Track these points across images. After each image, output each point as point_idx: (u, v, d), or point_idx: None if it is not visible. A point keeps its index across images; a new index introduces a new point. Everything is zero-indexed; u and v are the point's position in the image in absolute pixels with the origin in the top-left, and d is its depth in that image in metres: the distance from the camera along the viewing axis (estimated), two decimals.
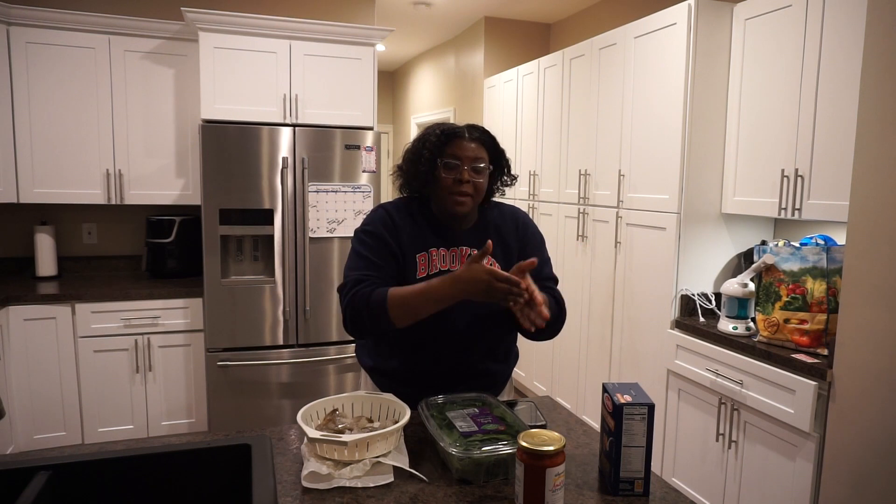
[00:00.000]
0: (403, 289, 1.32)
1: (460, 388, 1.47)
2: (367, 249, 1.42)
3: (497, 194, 1.55)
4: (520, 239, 1.54)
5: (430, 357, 1.46)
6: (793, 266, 2.13)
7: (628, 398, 1.09)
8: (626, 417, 1.07)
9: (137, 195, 3.22)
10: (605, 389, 1.15)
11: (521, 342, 1.90)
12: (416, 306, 1.29)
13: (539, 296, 1.25)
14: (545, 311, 1.24)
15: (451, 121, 4.45)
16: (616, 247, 3.05)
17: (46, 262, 3.25)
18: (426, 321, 1.34)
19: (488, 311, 1.46)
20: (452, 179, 1.40)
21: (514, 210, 1.59)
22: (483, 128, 1.47)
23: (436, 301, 1.28)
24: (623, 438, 1.08)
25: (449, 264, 1.46)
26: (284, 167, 3.01)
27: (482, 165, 1.42)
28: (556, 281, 1.55)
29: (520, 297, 1.21)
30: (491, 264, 1.43)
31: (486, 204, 1.55)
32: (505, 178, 1.53)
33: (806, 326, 2.08)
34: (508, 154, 1.55)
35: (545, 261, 1.54)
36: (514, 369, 1.68)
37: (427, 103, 6.12)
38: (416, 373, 1.48)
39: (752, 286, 2.34)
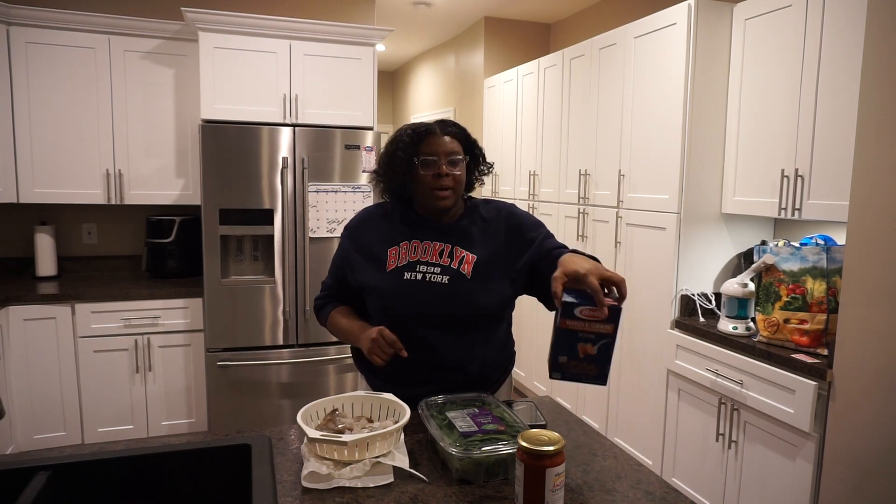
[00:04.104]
0: (339, 319, 1.55)
1: (436, 382, 1.44)
2: (336, 259, 1.59)
3: (477, 184, 1.56)
4: (510, 228, 1.50)
5: (410, 356, 1.44)
6: (793, 266, 2.13)
7: (612, 301, 1.12)
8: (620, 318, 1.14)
9: (137, 195, 3.22)
10: (573, 304, 1.11)
11: (521, 343, 1.89)
12: (342, 337, 1.55)
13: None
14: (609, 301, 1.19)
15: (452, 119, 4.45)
16: (616, 247, 3.05)
17: (46, 262, 3.25)
18: (403, 323, 1.43)
19: (470, 311, 1.44)
20: (432, 176, 1.41)
21: (498, 204, 1.56)
22: (453, 121, 1.48)
23: (351, 341, 1.50)
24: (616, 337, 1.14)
25: (419, 255, 1.45)
26: (284, 167, 3.01)
27: (459, 158, 1.44)
28: (564, 246, 1.49)
29: (379, 359, 1.37)
30: (462, 259, 1.44)
31: (470, 198, 1.56)
32: (481, 167, 1.54)
33: (806, 326, 2.08)
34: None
35: (546, 235, 1.50)
36: (514, 369, 1.67)
37: (427, 103, 6.13)
38: (398, 369, 1.46)
39: (752, 286, 2.34)
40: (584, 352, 1.14)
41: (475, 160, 1.52)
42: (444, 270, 1.44)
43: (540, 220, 1.55)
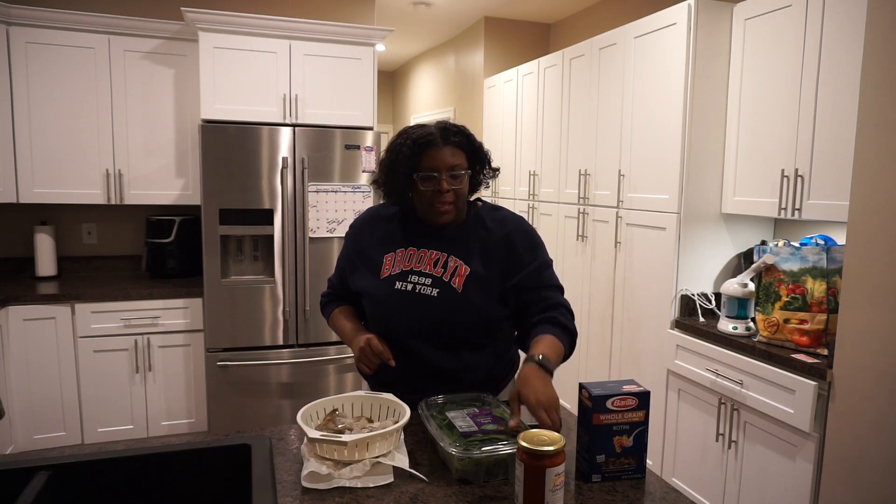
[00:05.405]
0: (338, 320, 1.56)
1: (431, 390, 1.40)
2: (340, 259, 1.61)
3: (482, 187, 1.51)
4: (509, 245, 1.43)
5: (403, 363, 1.43)
6: (793, 266, 2.13)
7: (642, 387, 1.14)
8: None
9: (137, 195, 3.22)
10: (604, 397, 1.13)
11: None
12: (341, 337, 1.56)
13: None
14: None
15: (452, 121, 4.44)
16: (616, 247, 3.05)
17: (46, 262, 3.25)
18: (394, 332, 1.43)
19: (459, 325, 1.41)
20: (432, 191, 1.37)
21: (505, 215, 1.50)
22: (455, 127, 1.40)
23: (347, 344, 1.52)
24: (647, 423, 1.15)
25: (413, 264, 1.43)
26: (284, 167, 3.00)
27: (461, 172, 1.38)
28: (560, 290, 1.44)
29: (367, 367, 1.39)
30: (455, 270, 1.41)
31: (477, 202, 1.53)
32: (487, 170, 1.48)
33: (806, 326, 2.08)
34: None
35: (542, 264, 1.43)
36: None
37: (427, 103, 6.13)
38: (393, 377, 1.45)
39: (751, 286, 2.34)
40: (620, 445, 1.13)
41: (480, 165, 1.46)
42: (436, 282, 1.40)
43: (542, 242, 1.48)
